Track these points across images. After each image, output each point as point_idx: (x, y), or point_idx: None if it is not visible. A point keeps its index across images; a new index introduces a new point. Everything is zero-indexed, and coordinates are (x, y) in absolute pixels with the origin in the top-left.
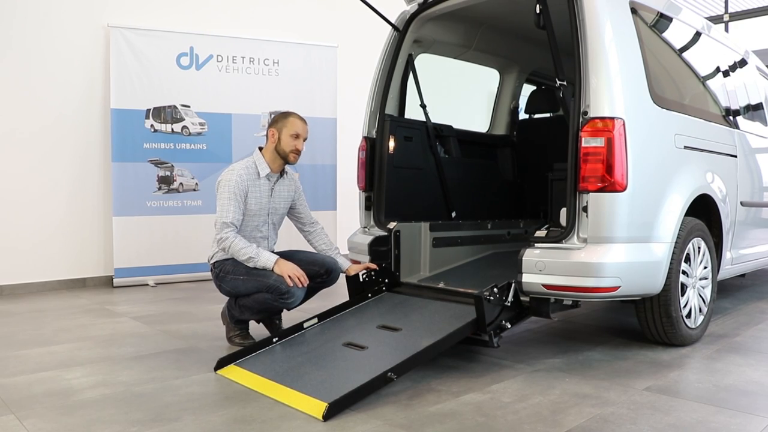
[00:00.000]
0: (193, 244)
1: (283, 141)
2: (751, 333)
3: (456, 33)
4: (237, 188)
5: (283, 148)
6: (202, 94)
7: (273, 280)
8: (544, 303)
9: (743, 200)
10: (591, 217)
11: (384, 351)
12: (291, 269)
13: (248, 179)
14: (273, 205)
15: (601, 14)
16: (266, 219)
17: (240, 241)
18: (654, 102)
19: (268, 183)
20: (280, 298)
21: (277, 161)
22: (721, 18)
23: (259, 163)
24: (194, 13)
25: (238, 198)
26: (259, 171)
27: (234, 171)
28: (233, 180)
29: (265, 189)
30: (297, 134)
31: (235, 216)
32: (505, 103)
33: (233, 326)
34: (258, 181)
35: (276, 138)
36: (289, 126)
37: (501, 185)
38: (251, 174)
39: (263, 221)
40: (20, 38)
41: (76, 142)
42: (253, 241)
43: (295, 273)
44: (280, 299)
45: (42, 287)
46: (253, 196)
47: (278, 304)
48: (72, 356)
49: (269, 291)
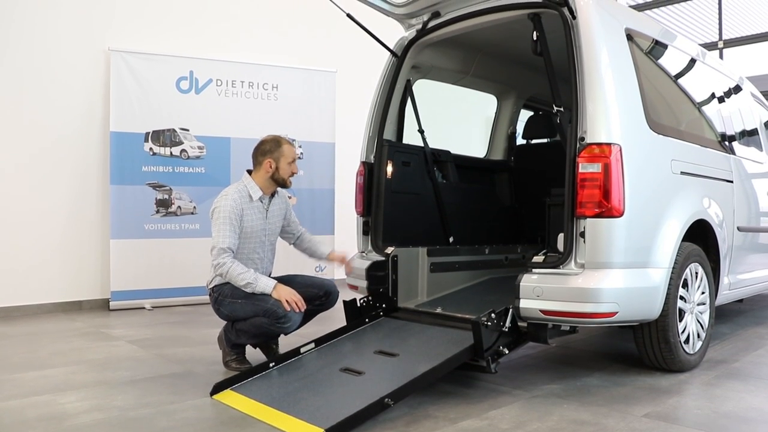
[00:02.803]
0: (191, 268)
1: (281, 170)
2: (750, 359)
3: (454, 59)
4: (232, 213)
5: (281, 176)
6: (202, 118)
7: (270, 304)
8: (541, 328)
9: (740, 225)
10: (588, 243)
11: (381, 376)
12: (289, 294)
13: (242, 203)
14: (269, 226)
15: (598, 41)
16: (263, 240)
17: (238, 267)
18: (650, 128)
19: (261, 205)
20: (276, 323)
21: (272, 187)
22: (715, 45)
23: (250, 187)
24: (194, 38)
25: (234, 223)
26: (251, 194)
27: (228, 196)
28: (228, 205)
29: (260, 211)
30: (293, 160)
31: (231, 241)
32: (502, 129)
33: (230, 351)
34: (251, 203)
35: (273, 167)
36: (285, 155)
37: (498, 210)
38: (244, 197)
39: (260, 243)
40: (21, 60)
41: (75, 164)
42: (250, 264)
43: (292, 298)
44: (276, 323)
45: (38, 310)
46: (248, 218)
47: (275, 329)
48: (66, 380)
49: (266, 315)
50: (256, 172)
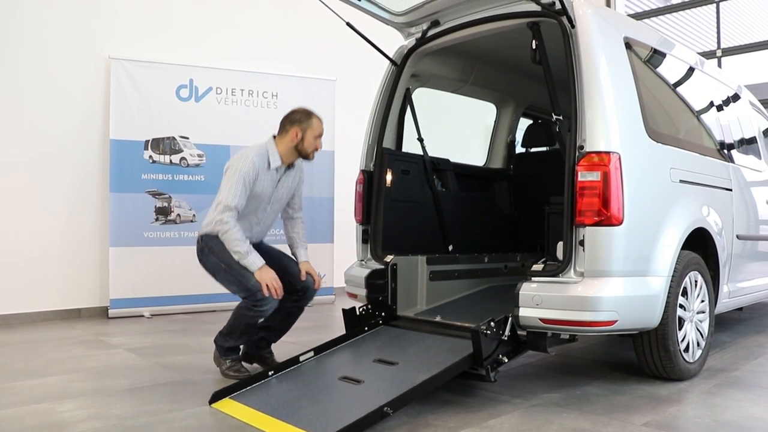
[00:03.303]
0: (190, 276)
1: (306, 141)
2: (750, 367)
3: (453, 67)
4: (248, 175)
5: (305, 148)
6: (201, 126)
7: (251, 284)
8: (541, 337)
9: (739, 233)
10: (588, 251)
11: (380, 385)
12: (270, 279)
13: (260, 168)
14: (276, 196)
15: (596, 49)
16: (265, 207)
17: (237, 233)
18: (649, 136)
19: (276, 174)
20: (254, 305)
21: (293, 156)
22: (714, 53)
23: (271, 154)
24: (194, 46)
25: (247, 185)
26: (270, 161)
27: (248, 158)
28: (246, 167)
29: (273, 179)
30: (320, 134)
31: (240, 202)
32: (502, 137)
33: (224, 359)
34: (268, 171)
35: (299, 138)
36: (314, 127)
37: (498, 219)
38: (263, 163)
39: (261, 208)
40: (22, 68)
41: (75, 171)
42: (245, 224)
43: (273, 284)
44: (254, 306)
45: (36, 317)
46: (261, 183)
47: (253, 313)
48: (65, 388)
49: (246, 294)
50: (281, 139)
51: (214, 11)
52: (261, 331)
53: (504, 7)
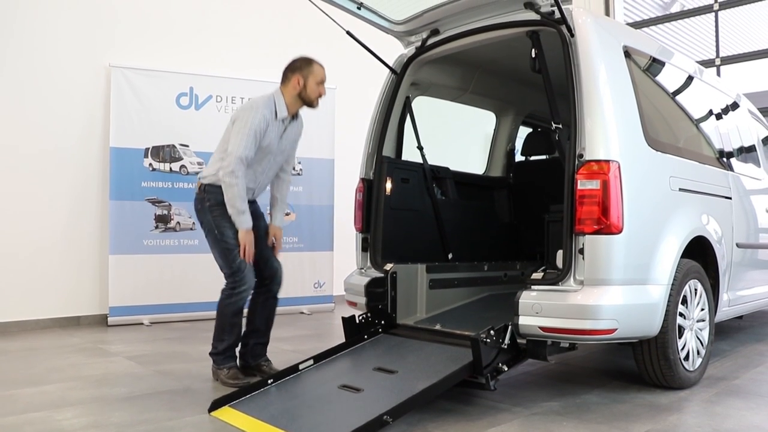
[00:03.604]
0: (189, 284)
1: (309, 88)
2: (751, 376)
3: (453, 76)
4: (258, 127)
5: (309, 95)
6: (201, 134)
7: (236, 264)
8: (541, 345)
9: (739, 242)
10: (587, 260)
11: (380, 394)
12: (249, 243)
13: (270, 119)
14: (280, 147)
15: (596, 58)
16: (269, 158)
17: (242, 189)
18: (648, 145)
19: (281, 125)
20: (233, 287)
21: (298, 105)
22: (713, 62)
23: (279, 105)
24: (194, 54)
25: (257, 137)
26: (277, 112)
27: (258, 111)
28: (257, 120)
29: (279, 130)
30: (322, 81)
31: (249, 153)
32: (501, 146)
33: (221, 369)
34: (275, 122)
35: (301, 85)
36: (315, 73)
37: (498, 227)
38: (272, 114)
39: (266, 159)
40: (22, 75)
41: (75, 179)
42: (251, 174)
43: (249, 249)
44: (232, 288)
45: (35, 325)
46: (269, 136)
47: (233, 299)
48: (63, 396)
49: (228, 268)
50: (285, 88)
51: (215, 20)
52: (250, 338)
53: (503, 16)
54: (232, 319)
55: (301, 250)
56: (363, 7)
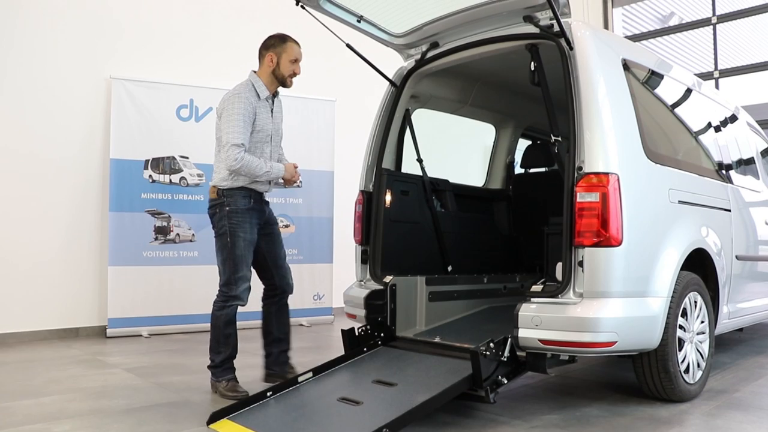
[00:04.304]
0: (189, 296)
1: (282, 66)
2: (751, 389)
3: (452, 89)
4: (245, 111)
5: (281, 72)
6: (201, 146)
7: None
8: (540, 358)
9: (738, 254)
10: (587, 272)
11: (379, 406)
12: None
13: (254, 101)
14: (274, 126)
15: (595, 71)
16: (268, 141)
17: (253, 159)
18: (647, 157)
19: (267, 104)
20: (225, 299)
21: (274, 84)
22: (711, 75)
23: (257, 85)
24: (195, 66)
25: (247, 120)
26: (258, 93)
27: (240, 95)
28: (242, 103)
29: (268, 110)
30: (296, 59)
31: (245, 137)
32: (501, 158)
33: (220, 381)
34: (260, 102)
35: (275, 62)
36: (288, 51)
37: (497, 239)
38: (254, 95)
39: (267, 142)
40: (23, 86)
41: (74, 190)
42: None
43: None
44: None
45: (34, 336)
46: (260, 117)
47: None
48: (61, 408)
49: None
50: (260, 69)
51: (215, 32)
52: (273, 347)
53: (503, 29)
54: (225, 329)
55: (300, 262)
56: (363, 20)
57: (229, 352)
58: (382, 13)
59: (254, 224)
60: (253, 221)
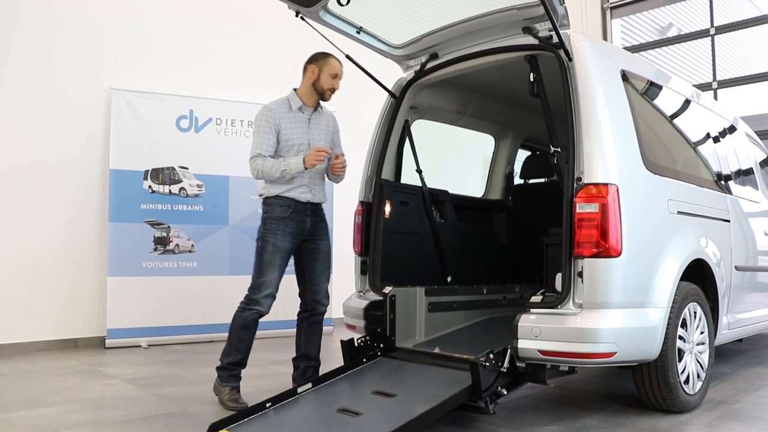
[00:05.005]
0: (188, 306)
1: (322, 78)
2: (752, 399)
3: (452, 100)
4: (267, 122)
5: (321, 84)
6: (201, 157)
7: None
8: (540, 369)
9: (738, 264)
10: (586, 283)
11: (378, 417)
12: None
13: (279, 113)
14: (313, 136)
15: (594, 82)
16: (300, 151)
17: (267, 161)
18: (647, 168)
19: (302, 115)
20: (248, 301)
21: (313, 96)
22: (710, 85)
23: (291, 98)
24: (194, 77)
25: (268, 130)
26: (291, 104)
27: (265, 107)
28: (264, 115)
29: (301, 120)
30: (336, 75)
31: (264, 147)
32: (500, 169)
33: (224, 386)
34: (291, 113)
35: (315, 75)
36: (329, 66)
37: (496, 250)
38: (283, 107)
39: (298, 154)
40: (23, 97)
41: (74, 200)
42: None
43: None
44: (248, 303)
45: (32, 347)
46: (287, 128)
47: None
48: (60, 420)
49: (252, 279)
50: (301, 83)
51: (214, 43)
52: (301, 361)
53: (502, 41)
54: (240, 333)
55: None
56: (362, 31)
57: (237, 358)
58: (382, 25)
59: (288, 233)
60: (288, 230)
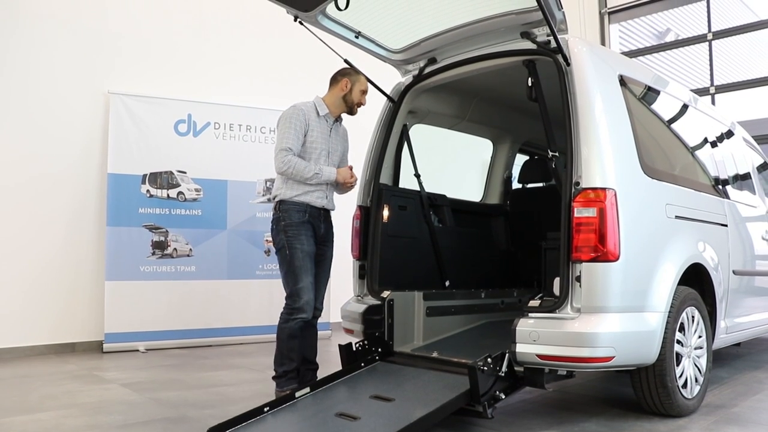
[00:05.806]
0: (186, 310)
1: (353, 93)
2: (749, 403)
3: (450, 104)
4: (297, 120)
5: (351, 98)
6: (199, 161)
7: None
8: (538, 373)
9: (735, 269)
10: (584, 287)
11: (377, 422)
12: (343, 175)
13: (309, 115)
14: (332, 145)
15: (592, 87)
16: (326, 160)
17: (300, 162)
18: (644, 172)
19: (326, 123)
20: (290, 310)
21: (340, 108)
22: (707, 90)
23: (318, 104)
24: (193, 82)
25: (297, 128)
26: (318, 110)
27: (295, 107)
28: (294, 113)
29: (325, 128)
30: (365, 91)
31: (293, 143)
32: (498, 173)
33: (283, 390)
34: (318, 118)
35: (348, 88)
36: (361, 81)
37: (495, 254)
38: (311, 110)
39: (322, 160)
40: (20, 100)
41: (72, 204)
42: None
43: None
44: (290, 311)
45: (30, 352)
46: (313, 132)
47: (290, 323)
48: (57, 424)
49: (289, 288)
50: (330, 92)
51: (213, 47)
52: (300, 364)
53: (500, 45)
54: (289, 343)
55: None
56: (361, 36)
57: (291, 366)
58: (380, 29)
59: (310, 236)
60: (309, 233)
